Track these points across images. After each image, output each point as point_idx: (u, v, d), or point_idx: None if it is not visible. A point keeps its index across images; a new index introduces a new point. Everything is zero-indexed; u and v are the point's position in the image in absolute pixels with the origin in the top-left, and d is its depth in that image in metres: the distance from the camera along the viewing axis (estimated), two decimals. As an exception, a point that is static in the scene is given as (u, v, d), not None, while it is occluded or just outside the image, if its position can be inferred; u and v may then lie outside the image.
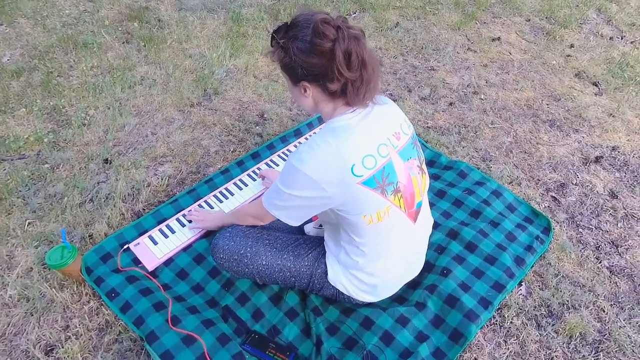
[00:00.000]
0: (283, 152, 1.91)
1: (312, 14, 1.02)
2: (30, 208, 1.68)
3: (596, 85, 2.42)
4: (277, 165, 1.85)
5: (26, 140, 1.95)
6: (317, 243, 1.35)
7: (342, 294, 1.31)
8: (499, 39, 2.83)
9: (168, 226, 1.60)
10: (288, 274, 1.31)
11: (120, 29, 2.76)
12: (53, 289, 1.43)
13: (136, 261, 1.50)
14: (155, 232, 1.57)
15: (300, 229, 1.52)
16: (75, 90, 2.25)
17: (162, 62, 2.48)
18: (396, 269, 1.29)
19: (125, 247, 1.53)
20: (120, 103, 2.19)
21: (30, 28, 2.68)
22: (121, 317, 1.34)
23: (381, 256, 1.22)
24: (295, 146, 1.94)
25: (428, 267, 1.47)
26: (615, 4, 3.30)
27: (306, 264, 1.30)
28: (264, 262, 1.30)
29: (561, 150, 2.02)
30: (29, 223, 1.64)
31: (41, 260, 1.52)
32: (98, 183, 1.80)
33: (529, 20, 3.09)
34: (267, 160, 1.87)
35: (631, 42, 2.81)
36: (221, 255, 1.32)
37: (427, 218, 1.29)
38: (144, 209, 1.71)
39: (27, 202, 1.71)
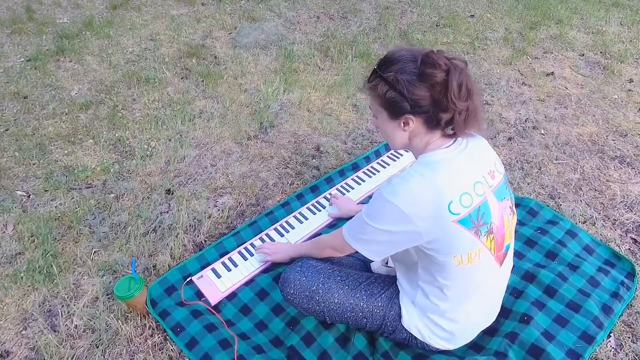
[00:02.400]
0: (341, 186, 1.89)
1: (412, 48, 1.03)
2: (97, 237, 1.72)
3: (665, 121, 2.31)
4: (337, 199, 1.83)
5: (93, 170, 2.03)
6: (390, 282, 1.29)
7: (416, 338, 1.24)
8: (552, 73, 2.78)
9: (230, 259, 1.58)
10: (360, 314, 1.25)
11: (179, 65, 2.89)
12: (118, 321, 1.42)
13: (199, 294, 1.49)
14: (218, 265, 1.56)
15: (367, 267, 1.47)
16: (138, 123, 2.34)
17: (219, 97, 2.56)
18: (477, 316, 1.22)
19: (188, 279, 1.52)
20: (180, 135, 2.26)
21: (96, 65, 2.84)
22: (187, 353, 1.31)
23: (465, 301, 1.15)
24: (354, 179, 1.92)
25: (504, 312, 1.37)
26: (674, 39, 3.20)
27: (379, 304, 1.25)
28: (336, 300, 1.25)
29: (636, 188, 1.90)
30: (95, 252, 1.67)
31: (107, 290, 1.53)
32: (161, 213, 1.82)
33: (583, 55, 3.03)
34: (326, 193, 1.86)
35: (697, 77, 2.69)
36: (292, 291, 1.28)
37: (510, 261, 1.22)
38: (206, 241, 1.72)
39: (93, 230, 1.74)
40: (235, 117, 2.39)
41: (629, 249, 1.64)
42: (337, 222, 1.72)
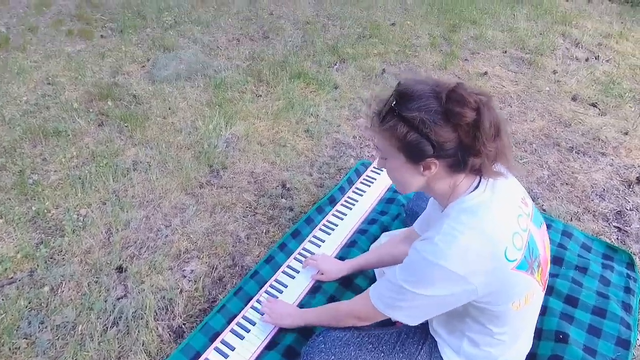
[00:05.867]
0: (324, 225, 1.70)
1: (429, 81, 0.89)
2: (39, 349, 1.32)
3: (595, 106, 2.48)
4: (323, 241, 1.63)
5: (12, 259, 1.60)
6: (423, 332, 1.14)
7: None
8: (486, 73, 2.88)
9: (224, 342, 1.31)
10: (403, 380, 1.08)
11: (92, 110, 2.48)
12: None
13: (196, 397, 1.20)
14: (211, 354, 1.28)
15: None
16: (57, 188, 1.92)
17: (151, 141, 2.23)
18: (525, 348, 1.12)
19: (178, 381, 1.22)
20: (116, 195, 1.89)
21: (-14, 123, 2.32)
22: None
23: (518, 340, 1.04)
24: (335, 215, 1.74)
25: (536, 332, 1.29)
26: (575, 29, 3.52)
27: (421, 364, 1.09)
28: (374, 374, 1.07)
29: (598, 176, 1.98)
30: (41, 372, 1.28)
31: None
32: (118, 299, 1.47)
33: (506, 51, 3.20)
34: (310, 237, 1.65)
35: (607, 61, 2.96)
36: (320, 375, 1.07)
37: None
38: (185, 324, 1.41)
39: (32, 341, 1.35)
40: (178, 163, 2.08)
41: (617, 238, 1.68)
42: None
